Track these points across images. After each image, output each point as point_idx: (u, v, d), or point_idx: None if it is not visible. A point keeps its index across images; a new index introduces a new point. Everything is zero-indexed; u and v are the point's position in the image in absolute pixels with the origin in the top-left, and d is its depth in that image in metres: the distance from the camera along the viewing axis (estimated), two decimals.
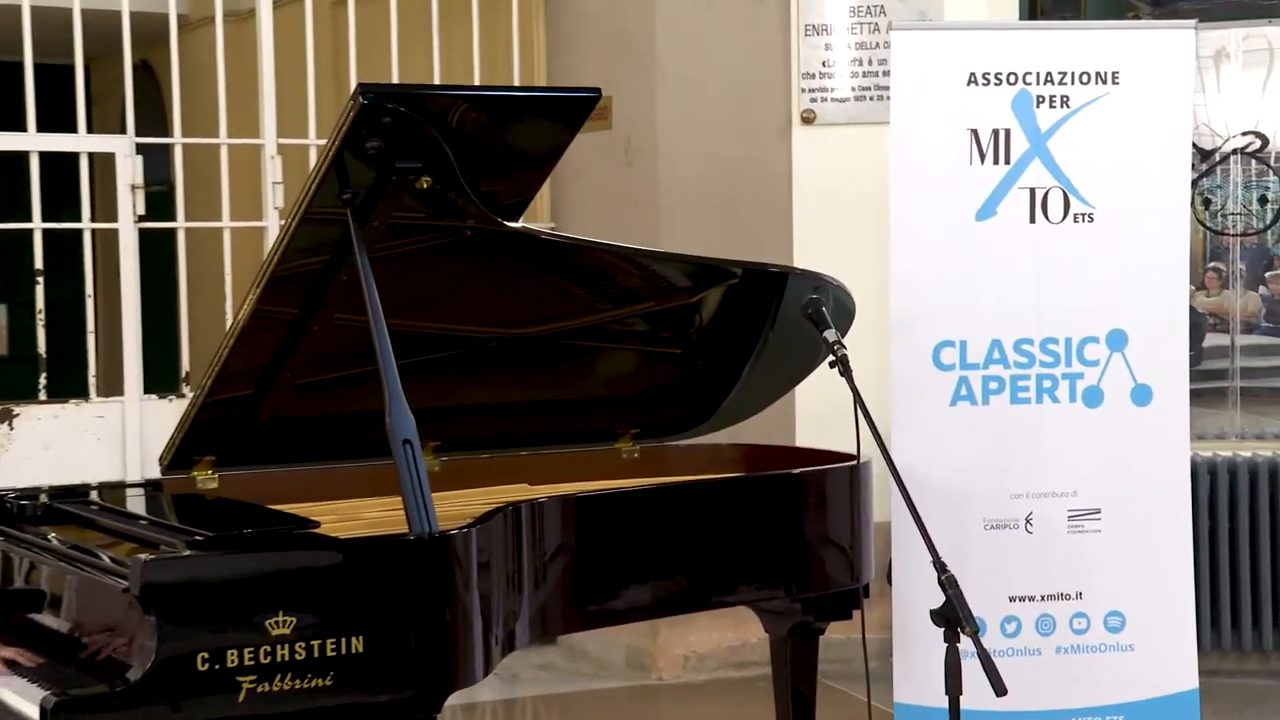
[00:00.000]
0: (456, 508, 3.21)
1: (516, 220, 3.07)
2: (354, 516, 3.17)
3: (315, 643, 2.48)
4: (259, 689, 2.44)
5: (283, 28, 5.34)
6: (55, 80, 5.34)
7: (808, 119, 5.31)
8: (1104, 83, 4.22)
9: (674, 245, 4.90)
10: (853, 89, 5.30)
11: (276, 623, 2.45)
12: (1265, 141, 5.21)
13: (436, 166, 2.83)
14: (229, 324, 3.22)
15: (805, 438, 4.94)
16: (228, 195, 5.22)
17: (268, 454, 3.25)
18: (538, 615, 2.93)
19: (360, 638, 2.53)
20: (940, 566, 2.92)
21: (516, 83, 5.54)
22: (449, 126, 2.81)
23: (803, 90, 5.31)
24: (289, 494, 3.22)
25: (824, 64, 5.30)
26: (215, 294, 5.23)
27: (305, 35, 5.33)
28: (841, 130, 5.30)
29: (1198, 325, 5.18)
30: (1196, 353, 5.18)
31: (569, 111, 2.96)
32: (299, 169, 5.06)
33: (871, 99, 5.28)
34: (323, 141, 4.74)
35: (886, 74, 4.72)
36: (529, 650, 5.22)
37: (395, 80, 5.34)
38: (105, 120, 7.58)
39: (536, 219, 5.52)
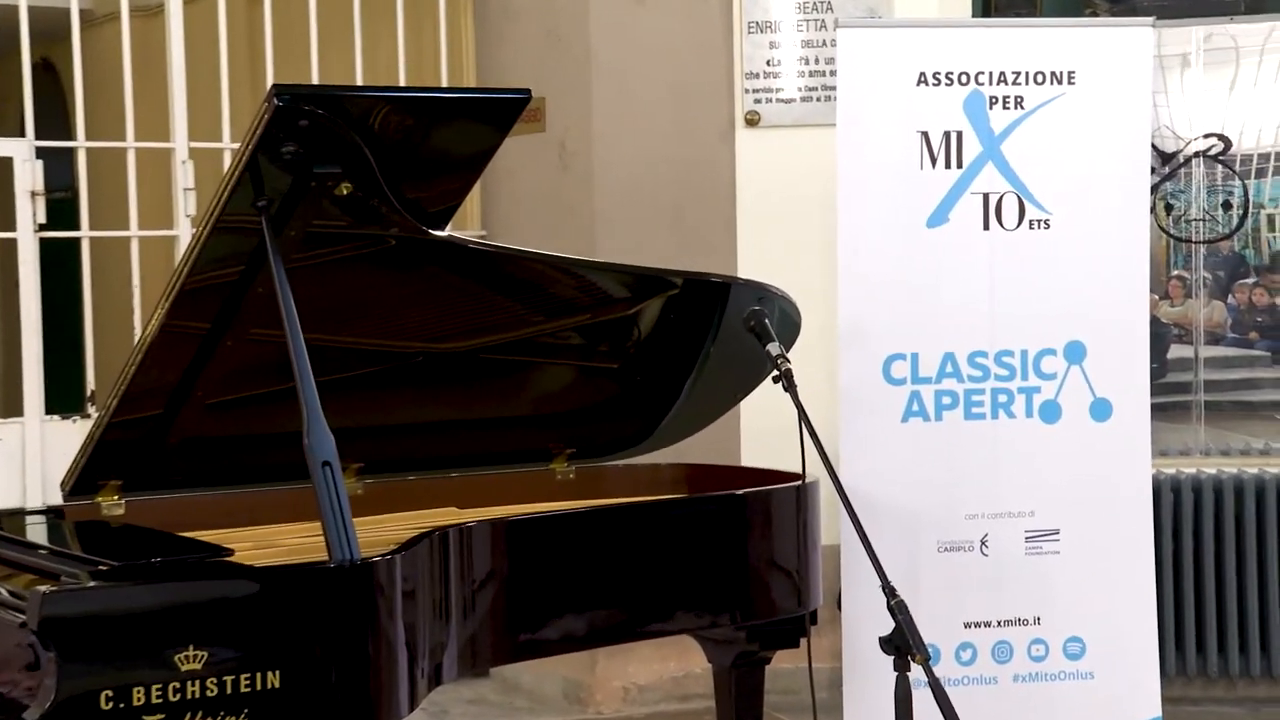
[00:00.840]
0: (380, 533, 3.21)
1: (443, 228, 3.07)
2: (270, 544, 3.16)
3: (228, 678, 2.47)
4: None
5: (194, 24, 5.32)
6: None
7: (752, 120, 5.33)
8: (1059, 83, 4.27)
9: (611, 254, 4.91)
10: (799, 89, 5.33)
11: (187, 657, 2.44)
12: (1228, 144, 5.27)
13: (357, 172, 2.83)
14: (137, 339, 3.20)
15: (751, 456, 4.96)
16: (135, 202, 5.19)
17: (178, 478, 3.23)
18: (466, 647, 2.93)
19: (276, 672, 2.52)
20: (890, 591, 2.95)
21: (444, 83, 5.55)
22: (370, 130, 2.81)
23: (746, 90, 5.33)
24: (201, 520, 3.21)
25: (769, 63, 5.33)
26: (122, 307, 5.19)
27: (219, 32, 5.30)
28: (787, 132, 5.33)
29: (1161, 336, 5.24)
30: (1160, 365, 5.24)
31: (498, 113, 2.97)
32: (212, 174, 5.04)
33: (819, 100, 5.31)
34: (237, 145, 4.72)
35: (834, 73, 4.75)
36: (460, 684, 5.20)
37: (315, 80, 5.33)
38: (2, 122, 7.52)
39: (466, 226, 5.53)
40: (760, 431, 4.83)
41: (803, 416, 3.21)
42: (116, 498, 3.13)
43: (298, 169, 2.78)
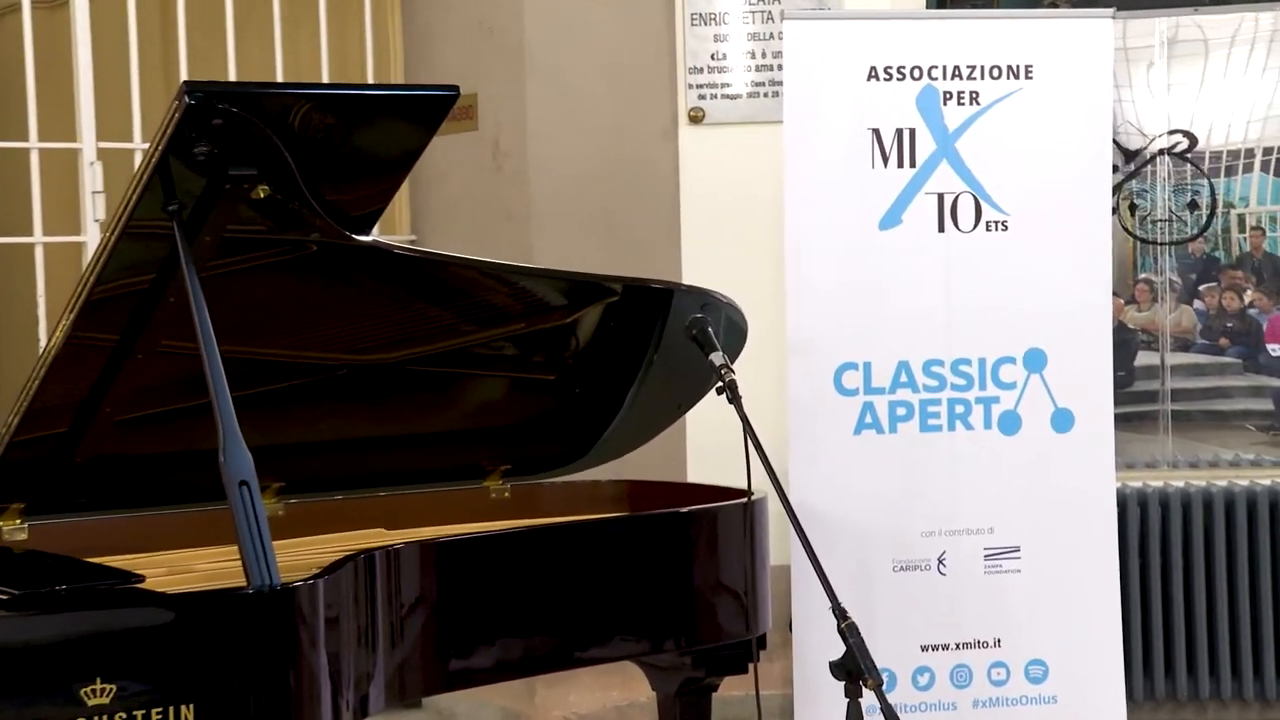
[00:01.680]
0: (302, 557, 3.21)
1: (368, 233, 3.08)
2: (185, 569, 3.16)
3: (139, 713, 2.46)
4: None
5: (102, 16, 5.29)
6: None
7: (696, 118, 5.35)
8: (1016, 77, 4.32)
9: (547, 259, 4.92)
10: (746, 84, 5.36)
11: (94, 691, 2.43)
12: (1194, 141, 5.31)
13: (275, 174, 2.83)
14: (41, 352, 3.19)
15: (697, 472, 4.98)
16: (40, 206, 5.16)
17: (85, 500, 3.22)
18: (395, 676, 2.94)
19: (191, 706, 2.51)
20: (840, 613, 2.97)
21: (369, 79, 5.55)
22: (289, 129, 2.81)
23: (690, 86, 5.35)
24: (110, 545, 3.20)
25: (713, 57, 5.35)
26: (26, 318, 5.15)
27: (128, 25, 5.28)
28: (734, 130, 5.35)
29: (1128, 343, 5.28)
30: (1127, 373, 5.28)
31: (425, 111, 2.98)
32: (122, 177, 5.01)
33: (766, 95, 5.33)
34: (148, 146, 4.70)
35: (783, 68, 4.78)
36: (389, 715, 5.18)
37: (232, 77, 5.31)
38: None
39: (395, 231, 5.53)
40: (707, 446, 4.84)
41: (748, 430, 3.23)
42: (19, 521, 3.11)
43: (212, 171, 2.78)
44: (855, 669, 2.92)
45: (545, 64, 5.33)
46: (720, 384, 3.31)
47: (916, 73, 4.29)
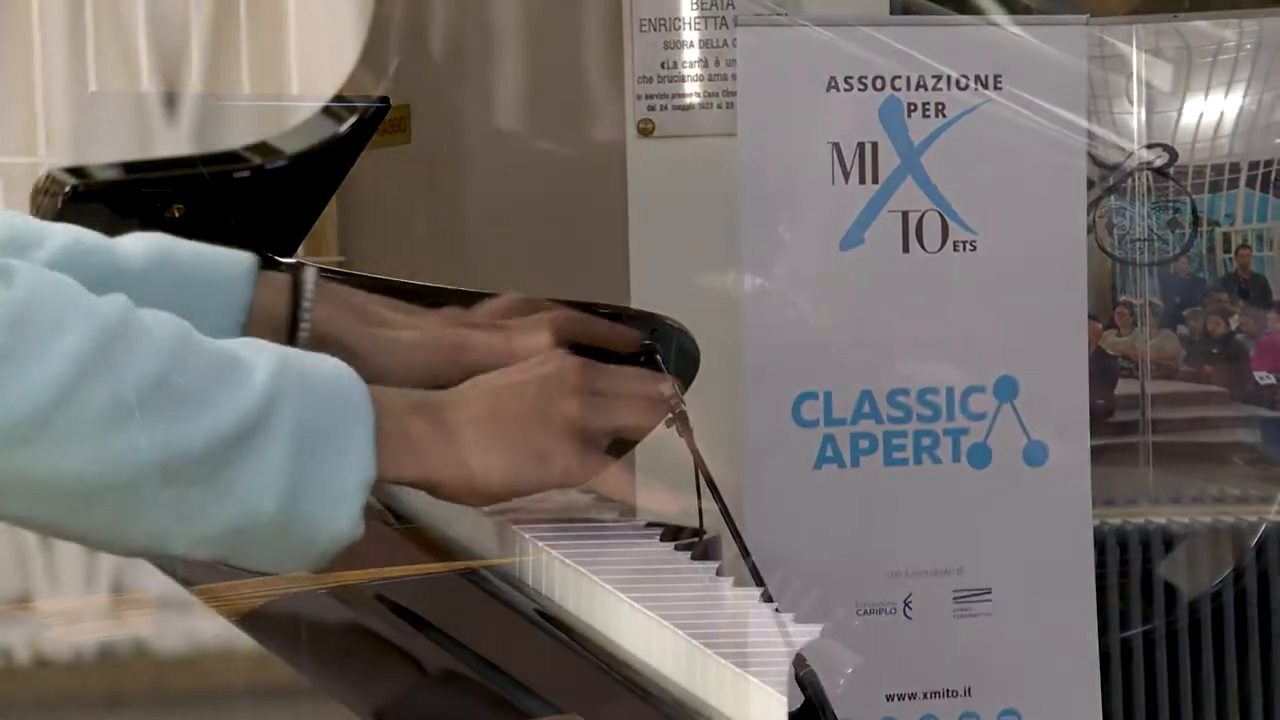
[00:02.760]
0: (227, 604, 3.21)
1: (292, 254, 3.09)
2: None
3: None
4: None
5: (4, 21, 5.28)
6: None
7: (645, 130, 5.37)
8: (984, 87, 4.34)
9: (487, 281, 4.89)
10: (699, 95, 5.38)
11: None
12: (1175, 155, 5.35)
13: (190, 191, 2.84)
14: None
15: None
16: None
17: None
18: None
19: None
20: (799, 660, 2.98)
21: (295, 89, 5.55)
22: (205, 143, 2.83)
23: (639, 96, 5.37)
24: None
25: (664, 65, 5.38)
26: None
27: (32, 30, 5.27)
28: (686, 143, 5.37)
29: (1108, 370, 5.32)
30: (1105, 402, 5.31)
31: (353, 124, 3.00)
32: (28, 194, 5.00)
33: (720, 106, 5.35)
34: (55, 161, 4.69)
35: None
36: None
37: (146, 87, 5.31)
38: None
39: (322, 252, 5.53)
40: (658, 479, 4.85)
41: (699, 464, 3.23)
42: None
43: (123, 189, 2.79)
44: None
45: (482, 74, 5.34)
46: (670, 415, 3.32)
47: (879, 83, 4.30)
